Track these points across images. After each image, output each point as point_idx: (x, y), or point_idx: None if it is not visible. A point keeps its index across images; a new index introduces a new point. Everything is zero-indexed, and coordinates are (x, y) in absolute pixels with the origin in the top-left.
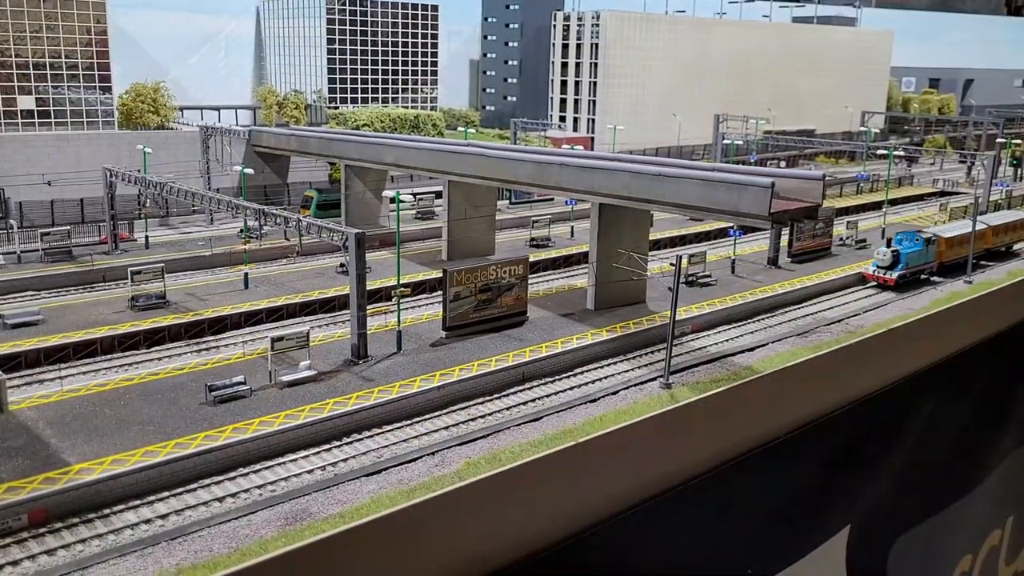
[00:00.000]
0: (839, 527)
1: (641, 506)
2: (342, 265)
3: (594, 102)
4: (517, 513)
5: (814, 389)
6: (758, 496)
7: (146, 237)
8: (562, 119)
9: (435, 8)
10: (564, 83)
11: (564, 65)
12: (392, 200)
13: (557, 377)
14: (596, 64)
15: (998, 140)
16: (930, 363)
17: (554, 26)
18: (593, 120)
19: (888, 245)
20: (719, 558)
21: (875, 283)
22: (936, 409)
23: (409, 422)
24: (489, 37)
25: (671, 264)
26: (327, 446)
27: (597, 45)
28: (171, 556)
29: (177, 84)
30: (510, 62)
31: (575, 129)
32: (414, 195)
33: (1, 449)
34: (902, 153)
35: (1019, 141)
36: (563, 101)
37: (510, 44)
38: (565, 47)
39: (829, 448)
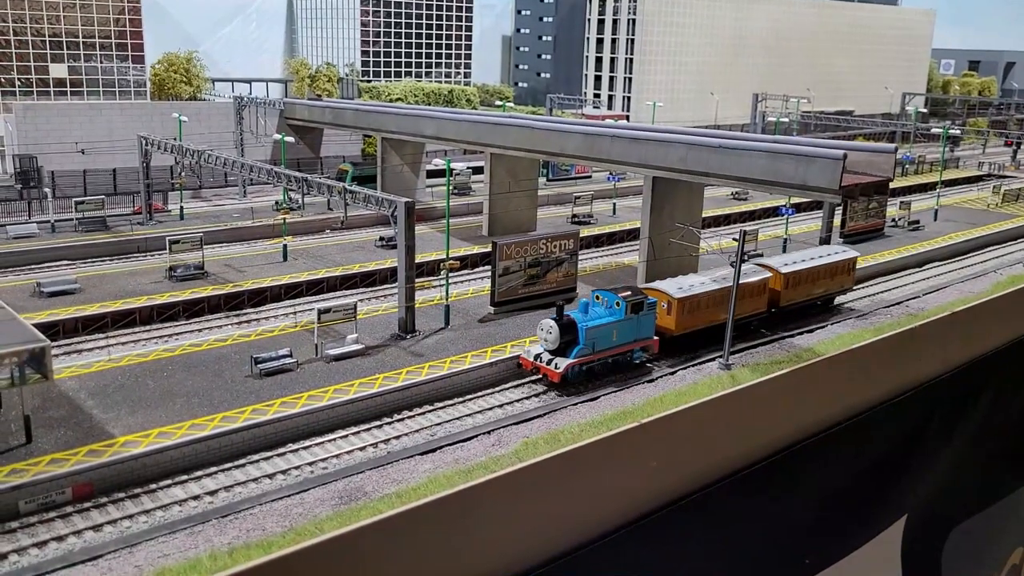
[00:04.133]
0: (896, 517)
1: (702, 491)
2: (382, 238)
3: (630, 79)
4: (579, 495)
5: (877, 373)
6: (817, 484)
7: (181, 208)
8: (596, 96)
9: None
10: (599, 60)
11: (599, 41)
12: (429, 174)
13: None
14: (632, 41)
15: None
16: (991, 349)
17: (590, 1)
18: (628, 98)
19: (559, 314)
20: (777, 546)
21: (536, 375)
22: (996, 397)
23: (462, 399)
24: (523, 12)
25: (734, 239)
26: (378, 422)
27: (634, 21)
28: (222, 534)
29: (208, 56)
30: (544, 38)
31: (610, 107)
32: (466, 166)
33: (44, 419)
34: (958, 132)
35: None
36: (598, 78)
37: (544, 19)
38: (601, 23)
39: (889, 435)
